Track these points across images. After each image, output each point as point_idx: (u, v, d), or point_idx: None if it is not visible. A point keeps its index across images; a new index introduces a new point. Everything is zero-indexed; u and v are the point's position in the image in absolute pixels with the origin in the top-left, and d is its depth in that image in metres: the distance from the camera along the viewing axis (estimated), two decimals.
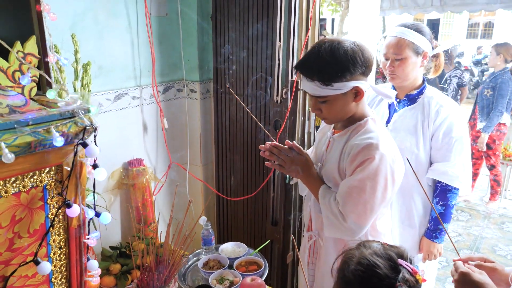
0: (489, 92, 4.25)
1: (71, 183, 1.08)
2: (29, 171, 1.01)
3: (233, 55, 2.34)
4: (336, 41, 1.43)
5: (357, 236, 1.49)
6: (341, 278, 1.10)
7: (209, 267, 1.99)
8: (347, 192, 1.44)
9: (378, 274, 1.02)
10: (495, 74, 4.29)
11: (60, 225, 1.12)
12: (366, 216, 1.44)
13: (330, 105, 1.46)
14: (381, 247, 1.11)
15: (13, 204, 1.02)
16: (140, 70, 2.30)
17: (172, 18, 2.40)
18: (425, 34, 1.93)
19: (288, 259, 2.45)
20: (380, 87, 1.65)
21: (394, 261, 1.05)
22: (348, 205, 1.44)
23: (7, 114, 0.98)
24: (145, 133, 2.40)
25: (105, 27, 2.10)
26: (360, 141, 1.45)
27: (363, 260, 1.06)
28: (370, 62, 1.45)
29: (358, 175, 1.42)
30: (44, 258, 1.12)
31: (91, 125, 1.02)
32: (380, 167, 1.41)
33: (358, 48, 1.43)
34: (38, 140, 0.96)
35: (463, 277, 1.13)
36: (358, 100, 1.47)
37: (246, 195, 2.47)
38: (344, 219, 1.45)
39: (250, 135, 2.40)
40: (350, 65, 1.40)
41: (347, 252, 1.14)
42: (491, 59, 4.30)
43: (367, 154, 1.42)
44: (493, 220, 4.22)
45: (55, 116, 0.99)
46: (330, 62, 1.39)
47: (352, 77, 1.41)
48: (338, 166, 1.53)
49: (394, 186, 1.47)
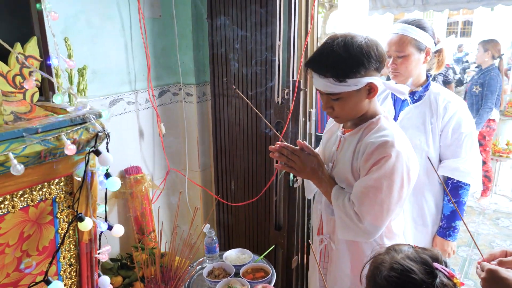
0: (478, 88, 4.28)
1: (82, 195, 1.00)
2: (38, 183, 0.93)
3: (230, 56, 2.27)
4: (349, 36, 1.39)
5: (373, 238, 1.44)
6: (373, 286, 1.04)
7: (215, 276, 1.92)
8: (363, 192, 1.39)
9: (414, 280, 0.96)
10: (483, 71, 4.32)
11: (71, 240, 1.04)
12: (382, 216, 1.39)
13: (343, 102, 1.42)
14: (413, 250, 1.05)
15: (21, 220, 0.93)
16: (134, 74, 2.22)
17: (165, 20, 2.33)
18: (427, 30, 1.90)
19: (293, 264, 2.39)
20: (392, 83, 1.61)
21: (429, 265, 0.99)
22: (364, 206, 1.39)
23: (12, 121, 0.90)
24: (141, 139, 2.31)
25: (98, 31, 2.01)
26: (375, 139, 1.40)
27: (396, 265, 1.00)
28: (384, 57, 1.41)
29: (374, 174, 1.38)
30: (54, 277, 1.03)
31: (103, 131, 0.95)
32: (396, 165, 1.37)
33: (372, 43, 1.39)
34: (48, 149, 0.87)
35: (490, 274, 1.09)
36: (371, 97, 1.42)
37: (247, 199, 2.40)
38: (360, 221, 1.40)
39: (250, 138, 2.33)
40: (365, 59, 1.35)
41: (377, 257, 1.08)
42: (478, 55, 4.33)
43: (382, 152, 1.37)
44: (488, 216, 4.25)
45: (66, 122, 0.91)
46: (344, 57, 1.35)
47: (366, 72, 1.37)
48: (352, 166, 1.48)
49: (409, 185, 1.43)
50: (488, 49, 4.22)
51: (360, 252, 1.55)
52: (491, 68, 4.27)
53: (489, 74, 4.23)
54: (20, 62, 1.02)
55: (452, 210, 1.91)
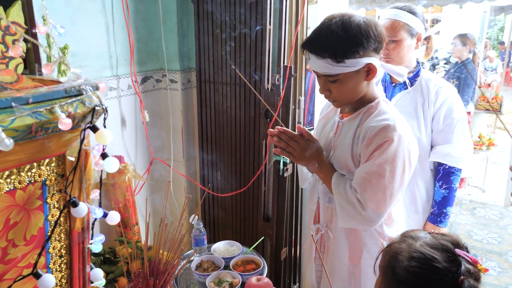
0: (454, 82, 4.34)
1: (75, 178, 0.89)
2: (26, 163, 0.82)
3: (217, 41, 2.18)
4: (347, 15, 1.34)
5: (375, 225, 1.41)
6: (391, 277, 0.96)
7: (203, 269, 1.85)
8: (365, 179, 1.35)
9: (438, 269, 0.89)
10: (459, 65, 4.38)
11: (62, 228, 0.93)
12: (386, 203, 1.35)
13: (341, 84, 1.37)
14: (431, 236, 0.98)
15: (7, 204, 0.82)
16: (116, 58, 2.09)
17: (148, 2, 2.21)
18: (418, 15, 1.90)
19: (282, 255, 2.33)
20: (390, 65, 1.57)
21: (451, 251, 0.92)
22: (367, 193, 1.35)
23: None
24: (124, 127, 2.19)
25: (77, 10, 1.88)
26: (376, 123, 1.36)
27: (416, 254, 0.93)
28: (382, 37, 1.37)
29: (377, 160, 1.33)
30: (43, 269, 0.92)
31: (101, 105, 0.84)
32: (398, 150, 1.33)
33: (370, 22, 1.35)
34: (40, 123, 0.76)
35: None
36: (370, 78, 1.38)
37: (234, 190, 2.32)
38: (363, 208, 1.36)
39: (238, 126, 2.25)
40: (364, 39, 1.31)
41: (392, 246, 1.01)
42: (456, 50, 4.37)
43: (385, 137, 1.33)
44: (465, 206, 4.34)
45: (59, 93, 0.79)
46: (343, 37, 1.30)
47: (365, 53, 1.32)
48: (352, 151, 1.43)
49: (411, 169, 1.40)
50: (466, 43, 4.29)
51: (358, 240, 1.51)
52: (467, 62, 4.34)
53: (466, 68, 4.30)
54: (2, 29, 0.90)
55: (443, 196, 1.91)
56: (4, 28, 0.91)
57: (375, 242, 1.49)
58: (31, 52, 0.96)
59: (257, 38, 2.05)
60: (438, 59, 10.45)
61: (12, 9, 0.94)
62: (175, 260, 1.67)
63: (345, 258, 1.54)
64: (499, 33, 14.19)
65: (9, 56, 0.89)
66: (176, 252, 1.68)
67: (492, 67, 8.48)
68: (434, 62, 10.80)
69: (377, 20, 1.39)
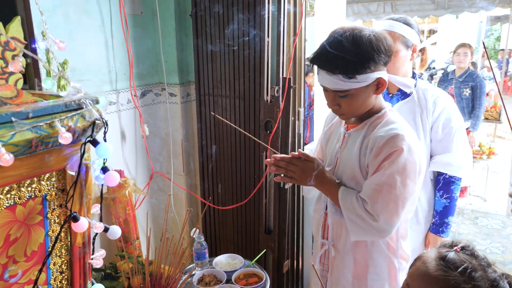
0: (468, 91, 4.31)
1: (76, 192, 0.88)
2: (26, 178, 0.81)
3: (216, 54, 2.19)
4: (356, 29, 1.32)
5: (388, 236, 1.38)
6: None
7: (205, 283, 1.83)
8: (376, 190, 1.33)
9: None
10: (467, 73, 4.32)
11: (62, 244, 0.92)
12: (398, 213, 1.33)
13: (351, 99, 1.35)
14: (495, 268, 0.99)
15: (8, 220, 0.81)
16: (116, 73, 2.10)
17: (147, 17, 2.22)
18: (413, 27, 1.90)
19: (284, 268, 2.31)
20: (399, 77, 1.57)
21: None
22: (378, 204, 1.32)
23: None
24: (123, 141, 2.19)
25: (76, 26, 1.90)
26: (385, 133, 1.35)
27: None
28: (392, 50, 1.36)
29: (387, 170, 1.31)
30: (44, 285, 0.91)
31: (101, 119, 0.84)
32: (408, 159, 1.31)
33: (380, 36, 1.33)
34: (40, 137, 0.76)
35: None
36: (379, 92, 1.37)
37: (235, 203, 2.30)
38: (374, 219, 1.33)
39: (238, 138, 2.25)
40: (375, 54, 1.30)
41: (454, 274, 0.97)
42: (463, 59, 4.29)
43: (394, 146, 1.31)
44: (467, 216, 4.31)
45: (59, 107, 0.79)
46: (354, 52, 1.28)
47: (375, 67, 1.31)
48: (359, 162, 1.41)
49: (420, 178, 1.38)
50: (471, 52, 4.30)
51: (366, 255, 1.48)
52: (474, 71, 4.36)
53: (476, 75, 4.29)
54: (2, 44, 0.90)
55: (444, 206, 1.89)
56: (4, 43, 0.91)
57: (381, 256, 1.47)
58: (31, 67, 0.96)
59: (256, 50, 2.06)
60: (435, 69, 10.51)
61: (12, 25, 0.95)
62: (176, 274, 1.65)
63: (349, 274, 1.52)
64: (496, 42, 14.31)
65: (9, 72, 0.89)
66: (178, 267, 1.66)
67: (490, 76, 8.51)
68: (432, 72, 10.86)
69: (385, 33, 1.39)
